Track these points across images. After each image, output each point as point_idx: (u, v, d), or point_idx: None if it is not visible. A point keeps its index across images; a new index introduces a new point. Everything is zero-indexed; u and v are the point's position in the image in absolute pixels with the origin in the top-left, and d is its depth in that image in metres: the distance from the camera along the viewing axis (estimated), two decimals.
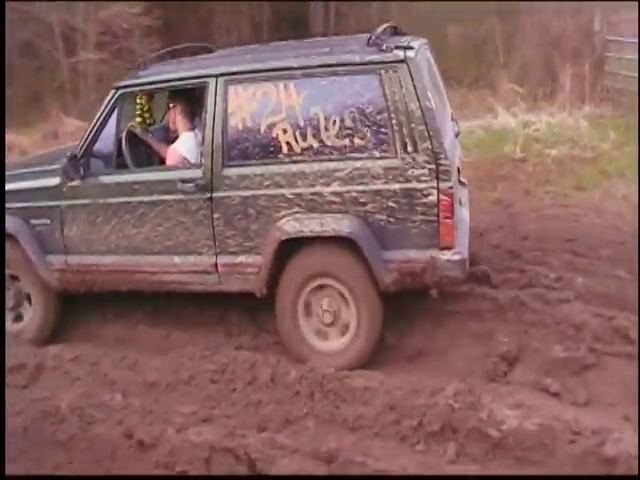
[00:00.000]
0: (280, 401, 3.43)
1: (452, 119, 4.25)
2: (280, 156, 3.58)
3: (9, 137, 9.34)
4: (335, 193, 3.48)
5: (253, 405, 3.44)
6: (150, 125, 4.61)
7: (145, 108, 4.57)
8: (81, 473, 3.09)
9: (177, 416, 3.32)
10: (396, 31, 4.16)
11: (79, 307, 4.44)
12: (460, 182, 4.18)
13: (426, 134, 3.34)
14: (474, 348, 3.71)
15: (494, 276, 4.36)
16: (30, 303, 4.30)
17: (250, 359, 3.69)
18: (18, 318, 4.34)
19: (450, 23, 9.93)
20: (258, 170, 3.59)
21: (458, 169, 3.85)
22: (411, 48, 3.47)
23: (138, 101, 4.56)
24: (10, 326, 4.32)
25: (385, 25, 3.91)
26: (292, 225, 3.52)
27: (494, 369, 3.53)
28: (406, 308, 4.07)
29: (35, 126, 9.77)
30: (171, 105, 4.20)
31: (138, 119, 4.54)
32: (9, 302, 4.29)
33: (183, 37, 8.65)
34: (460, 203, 3.86)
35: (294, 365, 3.61)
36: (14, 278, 4.27)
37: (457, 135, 4.17)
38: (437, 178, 3.34)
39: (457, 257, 3.42)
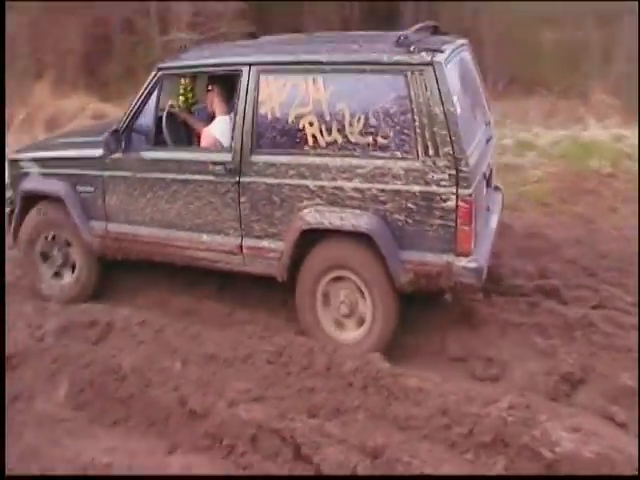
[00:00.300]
0: (333, 390, 3.43)
1: (487, 123, 4.22)
2: (305, 148, 3.64)
3: (106, 107, 9.73)
4: (356, 189, 3.52)
5: (306, 391, 3.46)
6: (192, 104, 4.74)
7: (188, 88, 4.69)
8: (137, 432, 3.22)
9: (231, 391, 3.37)
10: (436, 30, 4.18)
11: (151, 275, 4.59)
12: (495, 187, 4.37)
13: (448, 139, 3.33)
14: (536, 363, 3.61)
15: (564, 292, 4.23)
16: (72, 264, 4.54)
17: (308, 345, 3.71)
18: (57, 275, 4.57)
19: (546, 27, 9.57)
20: (284, 159, 3.67)
21: (489, 174, 3.86)
22: (440, 51, 3.46)
23: (182, 81, 4.68)
24: (50, 281, 4.58)
25: (422, 24, 3.93)
26: (313, 216, 3.60)
27: (555, 388, 3.43)
28: (471, 315, 4.03)
29: (129, 98, 10.14)
30: (209, 88, 4.31)
31: (181, 98, 4.68)
32: (56, 260, 4.53)
33: (273, 24, 8.74)
34: (488, 209, 3.88)
35: (351, 356, 3.61)
36: (59, 239, 4.50)
37: (489, 140, 4.10)
38: (457, 184, 3.34)
39: (473, 265, 3.41)
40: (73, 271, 4.55)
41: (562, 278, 4.40)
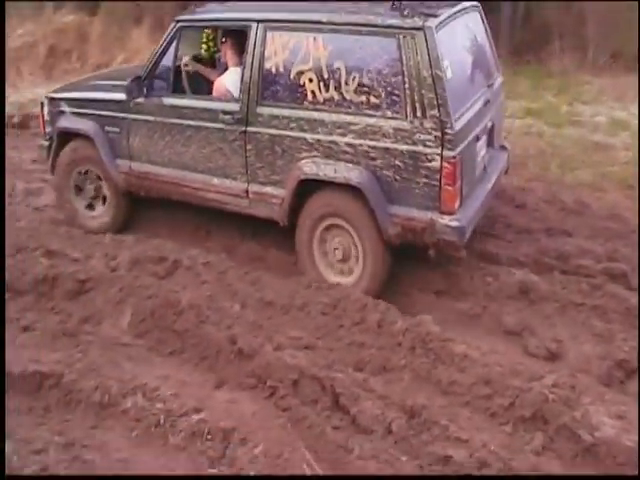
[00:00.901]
0: (382, 347, 3.50)
1: (489, 85, 4.30)
2: (305, 103, 3.86)
3: None
4: (349, 144, 3.73)
5: (356, 345, 3.54)
6: (214, 53, 5.04)
7: (210, 37, 4.99)
8: (190, 364, 3.40)
9: (282, 337, 3.51)
10: None
11: (221, 221, 4.75)
12: (501, 147, 4.61)
13: (435, 102, 3.49)
14: (592, 346, 3.54)
15: (632, 277, 4.07)
16: (103, 198, 4.88)
17: (362, 300, 3.78)
18: (90, 207, 4.93)
19: None
20: (286, 112, 3.91)
21: (490, 134, 4.16)
22: (434, 16, 3.60)
23: (205, 31, 5.00)
24: (84, 211, 4.93)
25: None
26: (310, 167, 3.85)
27: (608, 374, 3.36)
28: (530, 290, 3.96)
29: None
30: (223, 40, 4.53)
31: (204, 46, 5.03)
32: (89, 193, 4.87)
33: None
34: (485, 169, 4.09)
35: (403, 316, 3.65)
36: (91, 174, 4.82)
37: (487, 102, 4.14)
38: (442, 145, 3.50)
39: (455, 223, 3.59)
40: (104, 204, 4.88)
41: (632, 263, 4.23)
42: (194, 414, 2.83)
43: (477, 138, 3.90)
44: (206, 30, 5.00)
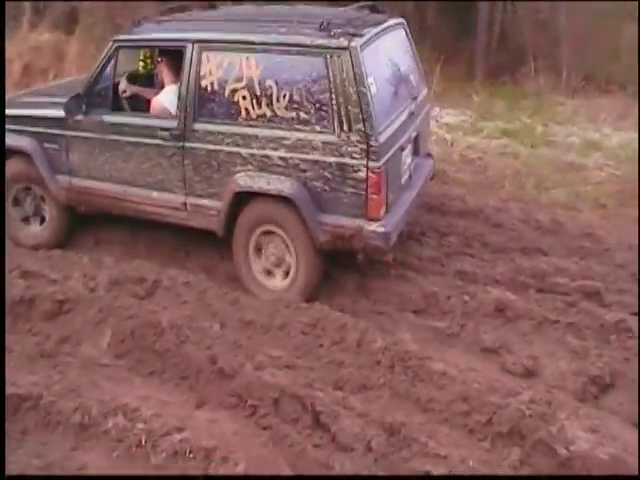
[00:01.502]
0: (361, 366, 3.54)
1: (414, 98, 4.55)
2: (239, 119, 4.05)
3: None
4: (281, 158, 3.94)
5: (335, 364, 3.57)
6: (151, 70, 5.17)
7: (147, 55, 5.14)
8: (171, 384, 3.40)
9: (262, 356, 3.52)
10: (374, 9, 4.70)
11: (201, 241, 4.76)
12: (427, 154, 4.95)
13: (360, 117, 3.72)
14: (566, 362, 3.60)
15: (606, 295, 4.17)
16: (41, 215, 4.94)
17: (341, 320, 3.82)
18: (26, 221, 4.97)
19: (629, 22, 9.14)
20: (221, 128, 4.09)
21: (415, 143, 4.46)
22: (359, 36, 3.85)
23: (142, 50, 5.11)
24: (30, 231, 4.96)
25: (361, 3, 4.58)
26: (245, 180, 4.04)
27: (583, 389, 3.42)
28: (507, 308, 4.03)
29: None
30: (159, 59, 4.71)
31: (141, 64, 5.17)
32: (29, 209, 4.93)
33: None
34: (410, 177, 4.37)
35: (382, 335, 3.69)
36: (30, 190, 4.88)
37: (412, 114, 4.40)
38: (367, 157, 3.73)
39: (381, 229, 3.84)
40: (42, 222, 4.95)
41: (606, 281, 4.33)
42: (176, 433, 2.83)
43: (402, 148, 4.15)
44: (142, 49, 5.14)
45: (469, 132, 7.69)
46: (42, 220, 4.95)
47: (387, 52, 4.30)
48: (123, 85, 4.74)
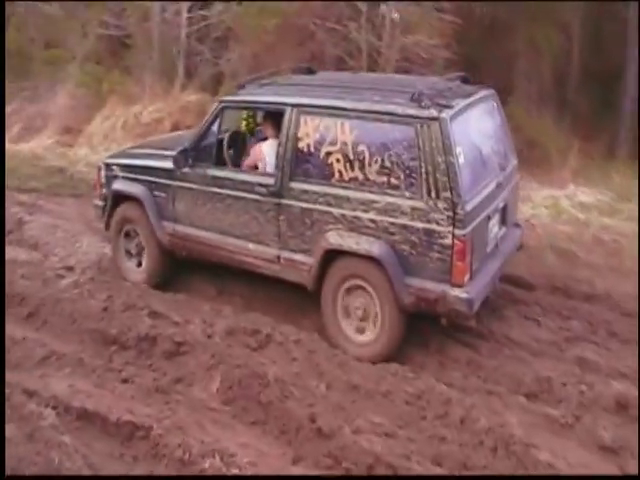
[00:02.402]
0: (463, 444, 3.43)
1: (503, 168, 4.62)
2: (332, 180, 4.24)
3: None
4: (371, 220, 4.10)
5: (437, 439, 3.49)
6: (253, 128, 5.44)
7: (250, 114, 5.41)
8: (271, 436, 3.47)
9: (364, 421, 3.51)
10: (465, 80, 4.86)
11: (314, 300, 4.85)
12: (515, 224, 5.02)
13: (448, 185, 3.84)
14: None
15: None
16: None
17: (446, 394, 3.75)
18: (138, 264, 5.34)
19: None
20: (315, 188, 4.28)
21: (503, 213, 4.55)
22: (449, 107, 3.98)
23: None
24: (134, 267, 5.34)
25: (451, 75, 4.83)
26: (335, 239, 4.21)
27: None
28: (631, 406, 3.75)
29: None
30: (264, 118, 5.01)
31: (244, 122, 5.42)
32: (132, 250, 5.31)
33: (483, 74, 8.72)
34: (497, 246, 4.44)
35: (487, 415, 3.57)
36: (136, 233, 5.25)
37: (500, 184, 4.46)
38: (453, 225, 3.84)
39: (464, 295, 3.90)
40: (139, 265, 5.32)
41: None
42: None
43: (488, 217, 4.24)
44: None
45: (606, 213, 7.33)
46: (139, 263, 5.33)
47: (476, 123, 4.42)
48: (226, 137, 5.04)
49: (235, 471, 2.96)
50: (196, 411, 3.59)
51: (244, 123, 5.45)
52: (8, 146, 9.16)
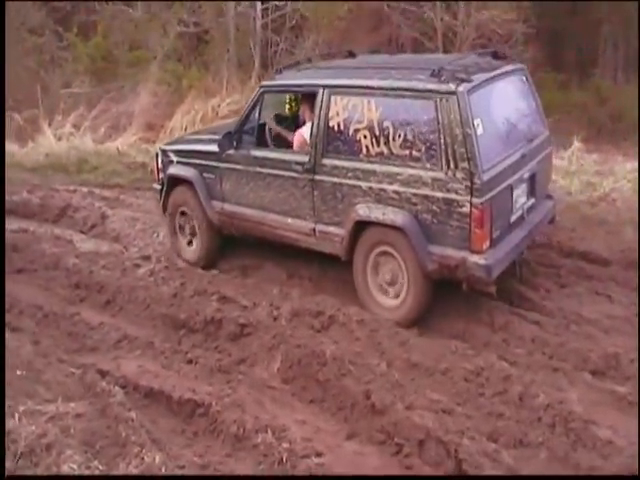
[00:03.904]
0: (521, 421, 3.39)
1: (530, 140, 4.65)
2: (360, 155, 4.43)
3: None
4: (395, 191, 4.27)
5: (494, 415, 3.46)
6: (296, 111, 5.60)
7: (293, 98, 5.62)
8: (328, 413, 3.56)
9: (421, 397, 3.54)
10: (496, 55, 4.93)
11: None
12: (547, 196, 5.07)
13: (465, 156, 3.96)
14: None
15: None
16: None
17: (506, 371, 3.70)
18: (190, 244, 5.64)
19: None
20: (345, 164, 4.49)
21: (531, 184, 4.60)
22: (468, 81, 4.08)
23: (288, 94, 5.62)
24: (185, 247, 5.67)
25: (483, 50, 4.85)
26: (364, 210, 4.41)
27: None
28: None
29: None
30: (302, 101, 5.21)
31: (287, 106, 5.66)
32: (187, 230, 5.59)
33: (567, 46, 8.37)
34: (523, 216, 4.51)
35: (547, 391, 3.50)
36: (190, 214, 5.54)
37: (524, 155, 4.50)
38: (471, 194, 3.96)
39: (483, 262, 4.03)
40: (190, 244, 5.61)
41: None
42: (315, 457, 2.96)
43: (511, 187, 4.32)
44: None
45: None
46: (190, 242, 5.64)
47: (499, 96, 4.50)
48: (271, 124, 5.32)
49: (286, 445, 3.06)
50: (256, 389, 3.72)
51: (287, 107, 5.70)
52: (96, 146, 9.73)
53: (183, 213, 5.62)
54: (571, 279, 5.00)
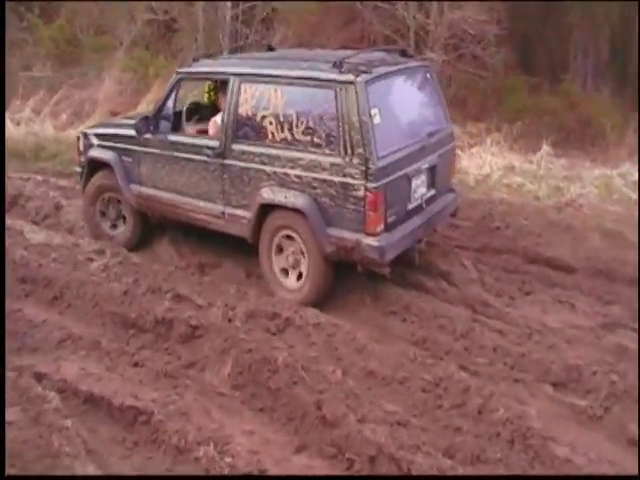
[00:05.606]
0: (478, 436, 3.26)
1: (430, 134, 4.83)
2: (266, 141, 4.62)
3: None
4: (297, 176, 4.46)
5: (451, 429, 3.34)
6: (214, 100, 5.70)
7: (212, 87, 5.73)
8: (278, 423, 3.38)
9: (377, 409, 3.38)
10: (405, 53, 5.32)
11: (342, 283, 4.75)
12: (449, 189, 5.26)
13: (361, 142, 4.17)
14: None
15: None
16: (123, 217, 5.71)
17: (466, 382, 3.58)
18: (114, 227, 5.75)
19: None
20: (252, 149, 4.67)
21: (432, 177, 4.82)
22: (366, 72, 4.30)
23: (208, 83, 5.78)
24: (109, 231, 5.74)
25: (392, 47, 5.06)
26: (268, 194, 4.60)
27: None
28: None
29: None
30: (219, 89, 5.38)
31: (206, 95, 5.82)
32: (111, 214, 5.70)
33: (539, 50, 8.31)
34: (421, 205, 4.70)
35: (505, 404, 3.38)
36: (113, 199, 5.65)
37: (422, 148, 4.68)
38: (366, 178, 4.15)
39: (376, 244, 4.22)
40: (124, 222, 5.70)
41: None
42: (258, 473, 2.78)
43: (408, 177, 4.51)
44: (208, 82, 5.81)
45: None
46: (114, 226, 5.73)
47: (400, 90, 4.79)
48: (189, 129, 5.41)
49: (228, 460, 2.88)
50: (204, 396, 3.53)
51: (206, 96, 5.82)
52: (56, 133, 9.39)
53: (105, 197, 5.68)
54: (535, 286, 4.91)
